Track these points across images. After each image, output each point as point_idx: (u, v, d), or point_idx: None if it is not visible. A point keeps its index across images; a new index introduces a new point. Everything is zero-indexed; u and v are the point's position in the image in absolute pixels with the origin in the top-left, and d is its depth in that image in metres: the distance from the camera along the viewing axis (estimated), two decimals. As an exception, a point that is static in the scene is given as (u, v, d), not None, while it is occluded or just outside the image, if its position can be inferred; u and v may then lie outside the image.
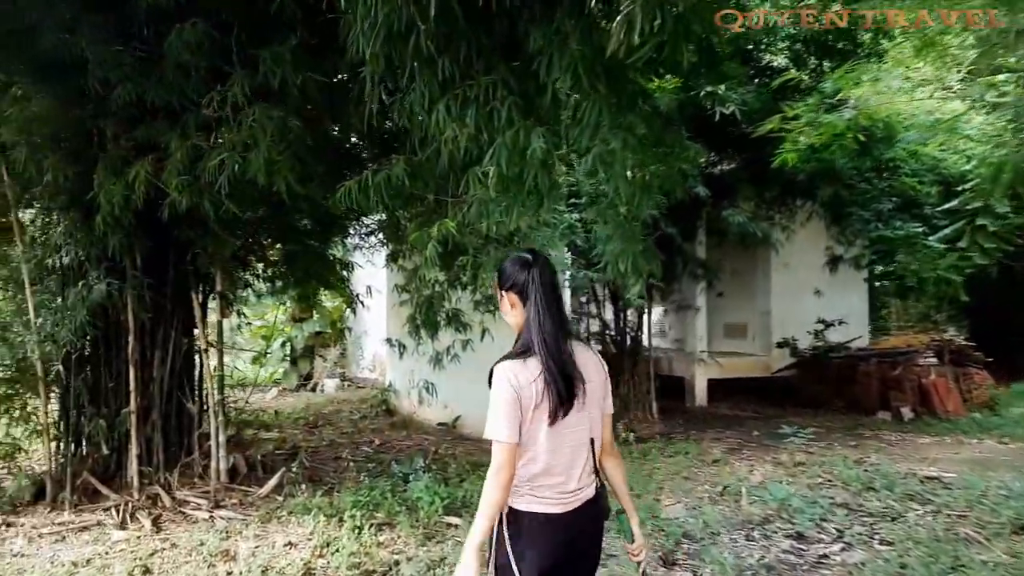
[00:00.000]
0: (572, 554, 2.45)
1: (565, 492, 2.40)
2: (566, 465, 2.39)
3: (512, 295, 2.49)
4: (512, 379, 2.34)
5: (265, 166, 4.65)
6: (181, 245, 6.86)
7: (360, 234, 8.82)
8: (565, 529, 2.41)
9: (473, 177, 4.24)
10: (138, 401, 6.80)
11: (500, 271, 2.58)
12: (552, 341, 2.35)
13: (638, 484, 7.21)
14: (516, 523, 2.42)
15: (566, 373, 2.34)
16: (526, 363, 2.36)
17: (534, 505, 2.40)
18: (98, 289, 6.25)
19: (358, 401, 12.69)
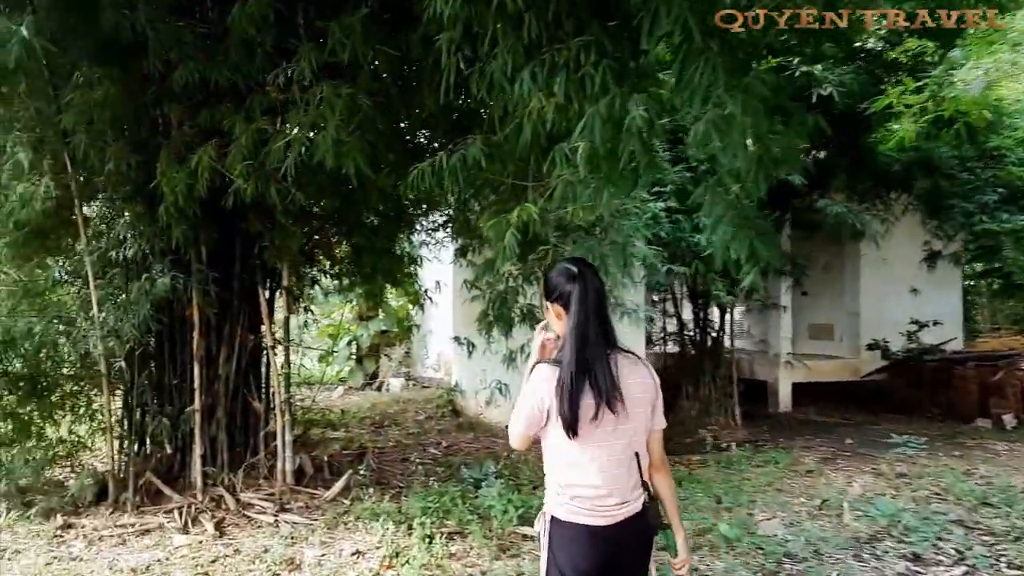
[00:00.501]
0: (615, 568, 2.42)
1: (606, 505, 2.38)
2: (605, 478, 2.37)
3: (557, 306, 2.46)
4: (542, 384, 2.37)
5: (333, 148, 4.24)
6: (247, 238, 6.54)
7: (427, 229, 8.42)
8: (605, 542, 2.39)
9: (559, 155, 3.74)
10: (203, 399, 6.50)
11: (546, 281, 2.56)
12: (583, 359, 2.33)
13: (728, 496, 6.61)
14: (558, 531, 2.43)
15: (598, 389, 2.32)
16: (555, 371, 2.36)
17: (574, 516, 2.40)
18: (162, 283, 5.95)
19: (423, 401, 12.31)
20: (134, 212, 5.97)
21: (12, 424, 6.35)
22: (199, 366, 6.45)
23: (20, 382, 6.30)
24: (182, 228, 5.80)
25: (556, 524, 2.43)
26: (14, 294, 6.45)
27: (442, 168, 4.16)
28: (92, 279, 6.17)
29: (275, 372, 6.84)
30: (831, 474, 7.53)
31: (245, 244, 6.62)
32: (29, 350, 6.35)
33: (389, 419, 10.82)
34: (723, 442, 8.70)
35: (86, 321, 6.20)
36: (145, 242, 6.11)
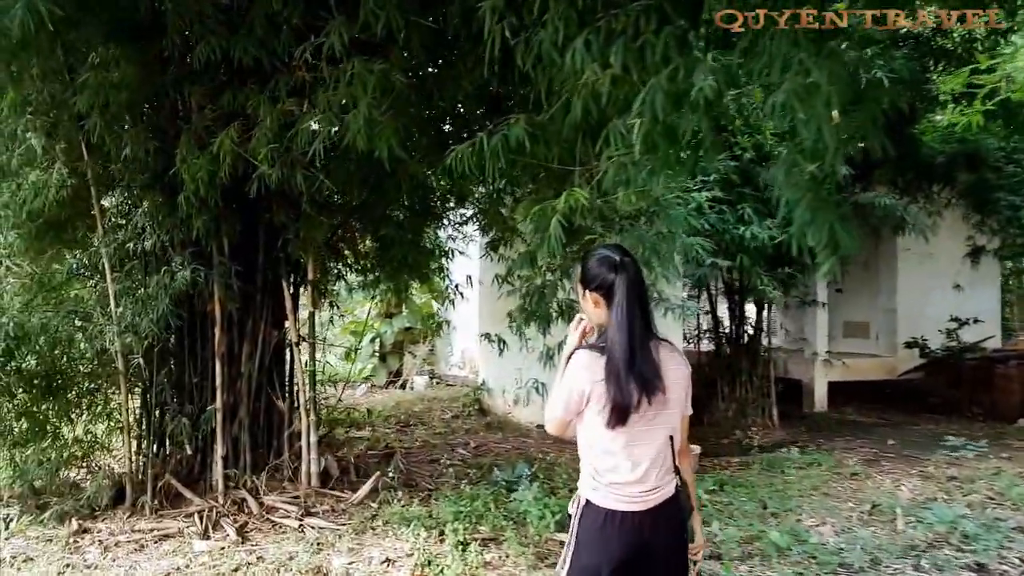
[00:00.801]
0: (648, 553, 2.38)
1: (640, 491, 2.36)
2: (642, 465, 2.35)
3: (596, 295, 2.43)
4: (582, 371, 2.36)
5: (365, 128, 3.89)
6: (271, 229, 6.22)
7: (454, 223, 8.06)
8: (638, 528, 2.36)
9: (613, 134, 3.37)
10: (224, 398, 6.18)
11: (584, 269, 2.50)
12: (631, 349, 2.29)
13: (773, 501, 6.22)
14: (590, 515, 2.41)
15: (643, 379, 2.29)
16: (601, 357, 2.33)
17: (608, 501, 2.37)
18: (182, 276, 5.63)
19: (449, 399, 11.97)
20: (153, 201, 5.65)
21: (26, 423, 6.06)
22: (220, 363, 6.14)
23: (34, 380, 6.00)
24: (203, 218, 5.48)
25: (589, 508, 2.41)
26: (28, 288, 6.16)
27: (482, 150, 3.80)
28: (109, 272, 5.87)
29: (299, 370, 6.51)
30: (877, 477, 7.12)
31: (269, 236, 6.29)
32: (44, 346, 6.05)
33: (415, 418, 10.49)
34: (761, 443, 8.30)
35: (103, 316, 5.90)
36: (164, 233, 5.80)
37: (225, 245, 6.04)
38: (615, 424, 2.30)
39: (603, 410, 2.32)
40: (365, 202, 6.06)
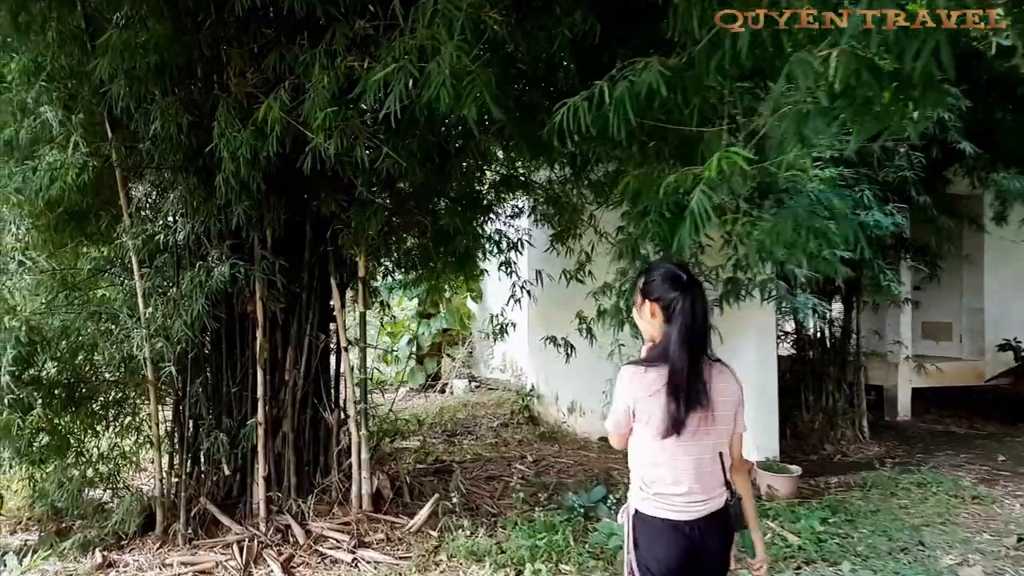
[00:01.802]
0: (696, 562, 2.41)
1: (689, 502, 2.38)
2: (688, 477, 2.37)
3: (656, 306, 2.43)
4: (630, 385, 2.40)
5: (450, 80, 2.98)
6: (319, 220, 5.34)
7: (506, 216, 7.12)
8: (687, 536, 2.38)
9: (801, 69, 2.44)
10: (266, 410, 5.31)
11: (649, 281, 2.49)
12: (686, 367, 2.31)
13: (898, 532, 5.23)
14: (641, 525, 2.43)
15: (692, 396, 2.32)
16: (647, 372, 2.38)
17: (657, 511, 2.40)
18: (219, 272, 4.77)
19: (493, 405, 11.06)
20: (186, 186, 4.78)
21: (46, 438, 5.24)
22: (262, 371, 5.27)
23: (55, 389, 5.16)
24: (244, 205, 4.62)
25: (639, 518, 2.44)
26: (47, 286, 5.32)
27: (603, 102, 2.89)
28: (137, 268, 5.02)
29: (349, 378, 5.62)
30: (1004, 500, 6.10)
31: (316, 227, 5.42)
32: (64, 352, 5.22)
33: (460, 426, 9.58)
34: (855, 459, 7.31)
35: (130, 318, 5.05)
36: (199, 223, 4.93)
37: (268, 237, 5.17)
38: (663, 436, 2.34)
39: (649, 422, 2.36)
40: (423, 186, 5.15)
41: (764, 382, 6.41)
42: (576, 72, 3.99)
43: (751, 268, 4.26)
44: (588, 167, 4.89)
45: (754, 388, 6.39)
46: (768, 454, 6.38)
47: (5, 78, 4.29)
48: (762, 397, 6.40)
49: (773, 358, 6.48)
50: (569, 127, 2.96)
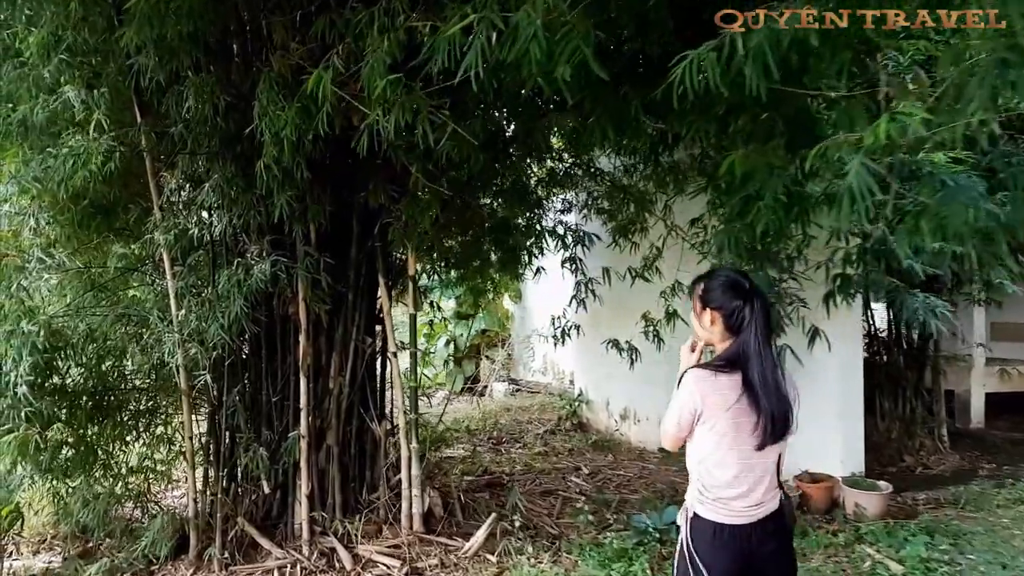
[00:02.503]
0: (752, 567, 2.37)
1: (747, 505, 2.34)
2: (749, 482, 2.33)
3: (717, 314, 2.38)
4: (699, 388, 2.31)
5: (542, 33, 2.40)
6: (366, 213, 4.80)
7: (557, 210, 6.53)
8: (746, 540, 2.34)
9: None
10: (310, 421, 4.78)
11: (708, 288, 2.43)
12: (771, 378, 2.28)
13: (1006, 555, 4.58)
14: (699, 527, 2.37)
15: (769, 406, 2.27)
16: (717, 377, 2.31)
17: (716, 515, 2.34)
18: (260, 270, 4.24)
19: (536, 410, 10.48)
20: (223, 174, 4.25)
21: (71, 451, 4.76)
22: (306, 379, 4.73)
23: (80, 399, 4.68)
24: (286, 196, 4.08)
25: (697, 520, 2.38)
26: (72, 286, 4.83)
27: (734, 53, 2.31)
28: (169, 266, 4.51)
29: (398, 385, 5.07)
30: (1122, 524, 5.41)
31: (363, 221, 4.88)
32: (91, 358, 4.74)
33: (505, 433, 9.01)
34: (938, 471, 6.63)
35: (161, 321, 4.54)
36: (237, 217, 4.40)
37: (312, 232, 4.64)
38: (738, 444, 2.29)
39: (715, 428, 2.31)
40: (480, 174, 4.59)
41: (848, 391, 5.77)
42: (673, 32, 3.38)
43: (894, 260, 3.64)
44: (667, 150, 4.28)
45: (837, 397, 5.75)
46: (853, 469, 5.74)
47: (22, 53, 3.79)
48: (846, 407, 5.76)
49: (858, 364, 5.83)
50: (693, 83, 2.38)
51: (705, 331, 2.44)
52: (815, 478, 5.65)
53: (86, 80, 3.91)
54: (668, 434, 2.44)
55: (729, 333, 2.36)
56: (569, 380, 11.48)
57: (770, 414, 2.27)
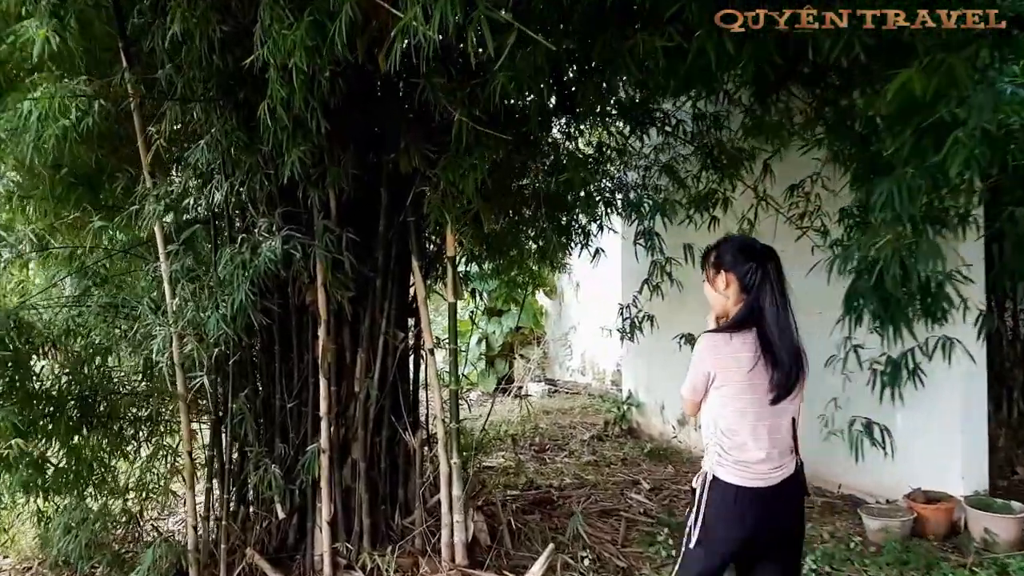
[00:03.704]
0: (775, 528, 2.36)
1: (766, 469, 2.30)
2: (768, 444, 2.30)
3: (732, 276, 2.38)
4: (713, 351, 2.32)
5: None
6: (397, 179, 3.93)
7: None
8: (765, 503, 2.30)
9: None
10: (332, 432, 3.92)
11: (722, 252, 2.44)
12: (788, 337, 2.31)
13: None
14: (718, 491, 2.31)
15: (786, 365, 2.28)
16: (731, 339, 2.30)
17: (738, 478, 2.29)
18: (269, 248, 3.39)
19: (578, 412, 9.59)
20: (223, 127, 3.40)
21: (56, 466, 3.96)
22: (326, 381, 3.88)
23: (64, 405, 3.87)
24: (299, 151, 3.21)
25: (717, 484, 2.32)
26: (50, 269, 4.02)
27: None
28: (162, 244, 3.68)
29: (436, 389, 4.18)
30: None
31: (393, 189, 4.01)
32: (75, 357, 3.93)
33: (547, 438, 8.11)
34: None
35: (153, 312, 3.71)
36: (240, 181, 3.56)
37: (332, 202, 3.78)
38: (776, 401, 2.29)
39: (730, 388, 2.29)
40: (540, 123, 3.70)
41: (971, 397, 4.79)
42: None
43: None
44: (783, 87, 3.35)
45: (957, 404, 4.74)
46: (977, 487, 4.77)
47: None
48: (968, 415, 4.78)
49: (983, 366, 4.85)
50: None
51: (721, 297, 2.42)
52: (930, 497, 4.69)
53: (50, 8, 3.07)
54: (687, 401, 2.45)
55: (744, 294, 2.35)
56: (611, 380, 10.59)
57: (785, 367, 2.26)
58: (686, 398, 2.43)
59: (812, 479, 5.91)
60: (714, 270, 2.44)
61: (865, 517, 4.79)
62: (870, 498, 5.34)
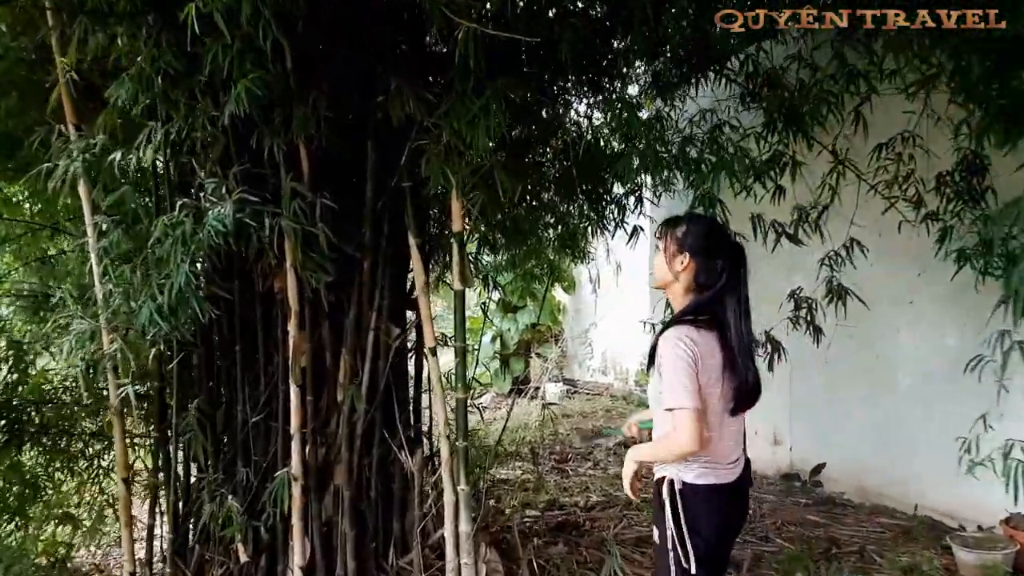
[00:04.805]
0: (739, 522, 2.27)
1: (732, 462, 2.14)
2: (734, 442, 2.16)
3: (694, 262, 2.12)
4: (691, 345, 1.99)
5: None
6: (388, 132, 3.05)
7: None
8: (736, 495, 2.17)
9: None
10: (306, 452, 3.06)
11: (694, 233, 2.16)
12: (748, 345, 2.11)
13: None
14: (691, 495, 2.06)
15: (749, 364, 2.10)
16: (701, 333, 2.04)
17: (709, 478, 2.08)
18: (216, 217, 2.54)
19: (601, 415, 8.72)
20: (151, 49, 2.53)
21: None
22: (299, 390, 3.01)
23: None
24: (251, 82, 2.35)
25: (688, 489, 2.07)
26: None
27: None
28: (89, 214, 2.84)
29: (439, 397, 3.29)
30: None
31: (383, 144, 3.13)
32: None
33: (569, 446, 7.24)
34: None
35: (74, 301, 2.85)
36: (179, 129, 2.69)
37: (304, 158, 2.91)
38: (728, 409, 2.09)
39: (713, 381, 2.04)
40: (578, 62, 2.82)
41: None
42: None
43: None
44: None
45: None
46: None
47: None
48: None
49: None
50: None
51: (669, 275, 2.18)
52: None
53: None
54: (690, 411, 1.92)
55: (696, 287, 2.13)
56: (634, 380, 9.72)
57: (746, 381, 2.08)
58: (692, 408, 1.92)
59: (880, 497, 5.09)
60: (676, 247, 2.17)
61: (957, 548, 3.90)
62: (951, 521, 4.48)
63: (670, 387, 1.98)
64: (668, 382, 1.99)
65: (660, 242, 2.22)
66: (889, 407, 4.90)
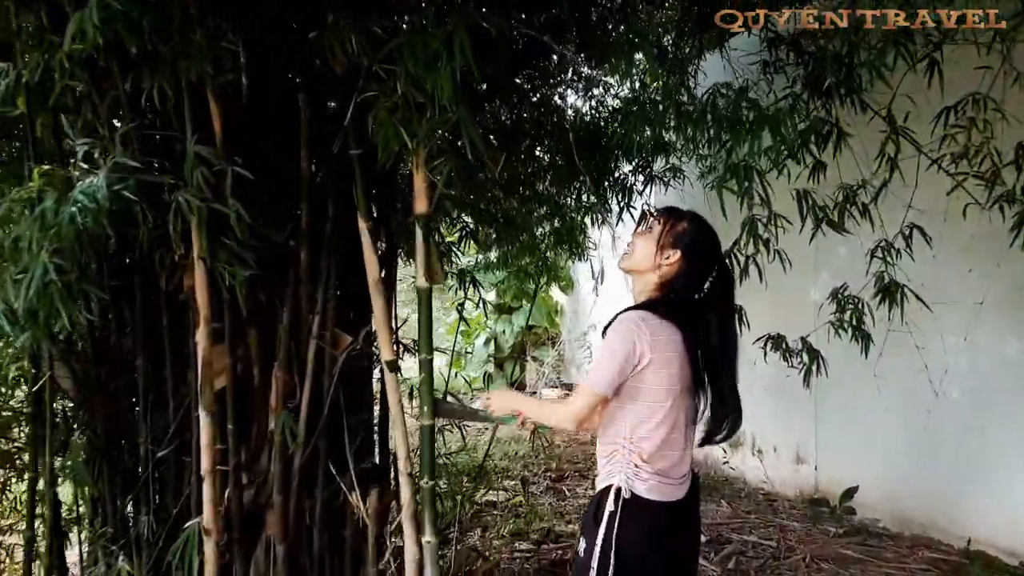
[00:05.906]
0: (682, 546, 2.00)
1: (682, 474, 1.94)
2: (685, 449, 1.94)
3: (683, 263, 1.93)
4: (641, 338, 1.82)
5: None
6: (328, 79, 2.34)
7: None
8: (685, 514, 1.94)
9: None
10: (225, 499, 2.35)
11: (691, 232, 1.96)
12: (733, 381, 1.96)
13: None
14: (637, 511, 1.83)
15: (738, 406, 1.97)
16: (662, 324, 1.85)
17: (658, 493, 1.85)
18: (85, 189, 1.82)
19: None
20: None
21: None
22: (210, 417, 2.29)
23: None
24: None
25: (636, 502, 1.83)
26: None
27: None
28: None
29: (399, 424, 2.55)
30: None
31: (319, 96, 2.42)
32: None
33: (566, 461, 6.54)
34: None
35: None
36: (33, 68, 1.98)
37: (216, 113, 2.19)
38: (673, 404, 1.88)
39: (660, 385, 1.86)
40: None
41: None
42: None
43: None
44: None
45: None
46: None
47: None
48: None
49: None
50: None
51: (649, 263, 1.96)
52: None
53: None
54: (597, 395, 1.85)
55: (671, 287, 1.94)
56: (637, 387, 9.06)
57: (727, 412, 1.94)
58: (599, 394, 1.84)
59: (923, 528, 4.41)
60: (671, 240, 1.96)
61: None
62: (1011, 559, 3.83)
63: (596, 366, 1.88)
64: (597, 362, 1.90)
65: (654, 225, 2.00)
66: (934, 424, 4.19)
